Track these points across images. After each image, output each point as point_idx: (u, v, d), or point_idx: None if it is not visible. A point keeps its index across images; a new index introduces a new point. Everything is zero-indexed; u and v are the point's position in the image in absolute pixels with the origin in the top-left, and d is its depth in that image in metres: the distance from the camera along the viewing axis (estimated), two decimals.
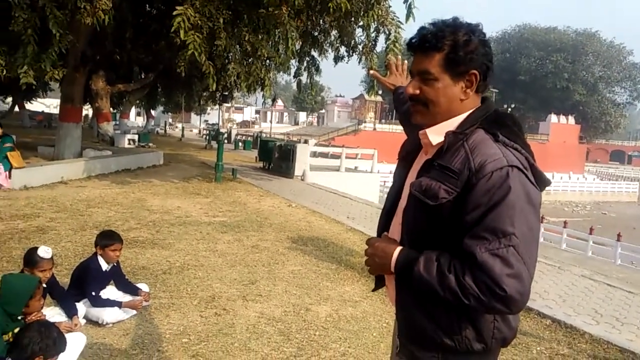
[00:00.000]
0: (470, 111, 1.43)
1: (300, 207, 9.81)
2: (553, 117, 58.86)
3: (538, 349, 3.89)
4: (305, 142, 20.19)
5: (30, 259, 3.36)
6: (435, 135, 1.42)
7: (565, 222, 19.06)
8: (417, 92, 1.43)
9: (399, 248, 1.41)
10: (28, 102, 35.43)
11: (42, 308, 3.10)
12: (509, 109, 67.72)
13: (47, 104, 46.11)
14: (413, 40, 1.44)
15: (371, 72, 2.56)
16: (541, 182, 1.38)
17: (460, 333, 1.37)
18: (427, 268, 1.30)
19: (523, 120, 74.87)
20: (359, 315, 4.30)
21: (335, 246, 6.70)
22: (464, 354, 1.39)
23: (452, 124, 1.42)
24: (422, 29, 1.44)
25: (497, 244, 1.23)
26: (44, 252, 3.38)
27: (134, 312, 3.91)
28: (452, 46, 1.37)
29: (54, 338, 2.42)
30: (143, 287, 4.21)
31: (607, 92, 72.68)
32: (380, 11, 10.49)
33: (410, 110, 1.51)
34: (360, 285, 5.13)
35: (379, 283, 1.65)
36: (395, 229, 1.52)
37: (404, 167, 1.60)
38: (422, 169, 1.45)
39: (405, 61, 2.22)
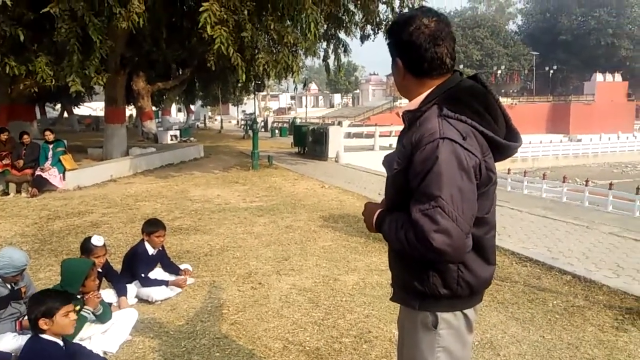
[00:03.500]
0: (430, 90, 1.60)
1: (333, 187, 10.15)
2: (598, 76, 56.22)
3: (555, 302, 4.09)
4: (339, 124, 20.43)
5: (86, 247, 3.85)
6: (402, 113, 1.70)
7: (610, 184, 18.49)
8: None
9: (379, 210, 1.70)
10: (76, 107, 37.19)
11: (98, 288, 3.58)
12: (550, 72, 65.23)
13: (94, 107, 48.20)
14: None
15: None
16: (498, 146, 1.59)
17: (429, 280, 1.61)
18: (389, 227, 1.58)
19: (567, 81, 72.00)
20: (384, 282, 4.60)
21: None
22: (435, 298, 1.62)
23: (415, 103, 1.62)
24: None
25: (426, 205, 1.44)
26: (97, 240, 3.87)
27: (180, 289, 4.38)
28: (387, 36, 1.66)
29: (42, 300, 2.64)
30: (186, 266, 4.68)
31: None
32: None
33: None
34: (387, 255, 5.41)
35: None
36: None
37: None
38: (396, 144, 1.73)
39: None
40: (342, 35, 14.80)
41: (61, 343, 2.65)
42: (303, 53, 15.85)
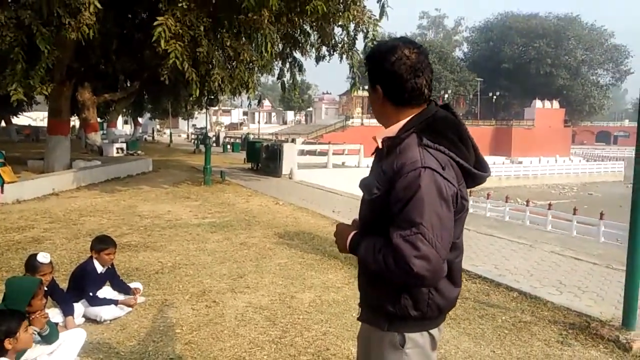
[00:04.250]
0: (408, 118, 1.65)
1: (288, 204, 10.13)
2: (538, 103, 59.55)
3: (503, 318, 4.25)
4: (293, 141, 20.51)
5: (31, 264, 3.65)
6: (379, 139, 1.70)
7: (549, 204, 19.49)
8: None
9: (353, 232, 1.72)
10: (14, 117, 35.41)
11: (44, 308, 3.39)
12: (494, 97, 68.45)
13: (33, 117, 46.03)
14: None
15: None
16: (470, 175, 1.66)
17: (400, 302, 1.63)
18: (366, 249, 1.60)
19: (509, 107, 75.75)
20: (341, 299, 4.62)
21: (320, 239, 7.03)
22: (404, 319, 1.65)
23: (393, 130, 1.67)
24: None
25: (408, 231, 1.47)
26: (43, 257, 3.67)
27: (130, 309, 4.21)
28: (367, 63, 1.72)
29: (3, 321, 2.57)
30: (136, 285, 4.52)
31: (590, 74, 73.47)
32: (356, 11, 10.79)
33: None
34: (343, 272, 5.46)
35: None
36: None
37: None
38: (371, 167, 1.76)
39: None
40: (297, 54, 14.97)
41: None
42: (259, 70, 15.93)
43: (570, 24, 70.50)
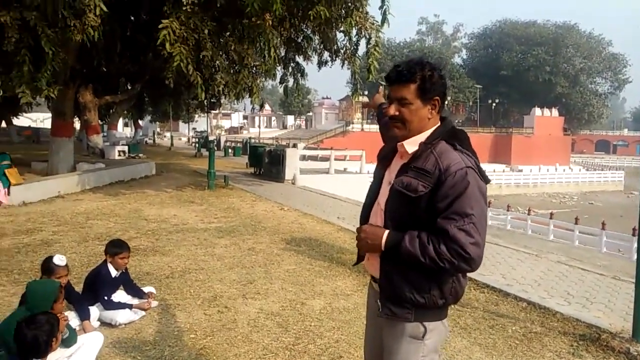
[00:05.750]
0: (434, 127, 1.89)
1: (292, 210, 10.17)
2: (537, 111, 59.75)
3: (514, 328, 4.28)
4: (295, 146, 20.55)
5: (47, 267, 3.68)
6: (410, 145, 1.88)
7: (551, 214, 19.56)
8: (397, 113, 1.89)
9: (387, 231, 1.86)
10: (15, 118, 35.36)
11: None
12: (493, 104, 68.67)
13: (34, 119, 45.98)
14: (391, 75, 1.92)
15: (364, 103, 3.13)
16: (485, 180, 1.85)
17: (430, 292, 1.82)
18: (412, 243, 1.76)
19: (508, 114, 76.02)
20: (351, 307, 4.66)
21: (326, 245, 7.07)
22: (430, 309, 1.85)
23: (422, 137, 1.88)
24: (397, 66, 1.92)
25: (462, 222, 1.69)
26: (59, 260, 3.72)
27: (144, 312, 4.25)
28: (422, 79, 1.85)
29: (46, 322, 2.66)
30: (149, 289, 4.55)
31: (589, 83, 73.84)
32: (358, 17, 10.85)
33: (390, 126, 1.98)
34: (351, 280, 5.50)
35: (359, 260, 2.14)
36: (377, 216, 1.97)
37: (381, 168, 2.07)
38: (400, 170, 1.91)
39: (381, 87, 2.82)
40: (300, 59, 15.05)
41: None
42: (262, 75, 16.00)
43: (568, 32, 70.88)
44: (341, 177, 18.26)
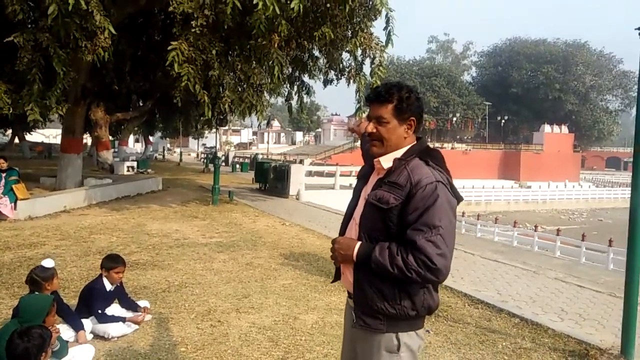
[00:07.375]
0: (410, 146, 2.00)
1: (294, 225, 10.23)
2: (546, 127, 59.58)
3: (504, 344, 4.29)
4: (301, 162, 20.69)
5: (33, 280, 3.77)
6: (386, 162, 1.99)
7: (558, 230, 19.36)
8: (374, 130, 2.01)
9: (359, 243, 1.95)
10: (27, 133, 36.00)
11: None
12: (502, 121, 68.53)
13: (47, 135, 46.81)
14: (370, 95, 2.05)
15: (350, 127, 3.20)
16: (456, 196, 1.93)
17: (400, 303, 1.88)
18: (381, 254, 1.83)
19: (517, 131, 75.78)
20: (343, 322, 4.68)
21: (325, 260, 7.11)
22: (402, 319, 1.91)
23: (398, 154, 1.98)
24: (376, 87, 2.06)
25: (430, 233, 1.77)
26: (48, 262, 3.83)
27: (137, 326, 4.31)
28: (399, 99, 1.97)
29: (39, 335, 2.70)
30: (144, 303, 4.63)
31: (599, 100, 73.53)
32: (363, 38, 11.05)
33: (368, 146, 2.10)
34: (346, 295, 5.52)
35: (337, 277, 2.24)
36: (352, 230, 2.07)
37: (361, 185, 2.17)
38: (375, 184, 2.01)
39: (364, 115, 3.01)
40: (305, 78, 15.27)
41: None
42: (268, 93, 16.22)
43: (578, 49, 70.85)
44: (346, 193, 18.22)
